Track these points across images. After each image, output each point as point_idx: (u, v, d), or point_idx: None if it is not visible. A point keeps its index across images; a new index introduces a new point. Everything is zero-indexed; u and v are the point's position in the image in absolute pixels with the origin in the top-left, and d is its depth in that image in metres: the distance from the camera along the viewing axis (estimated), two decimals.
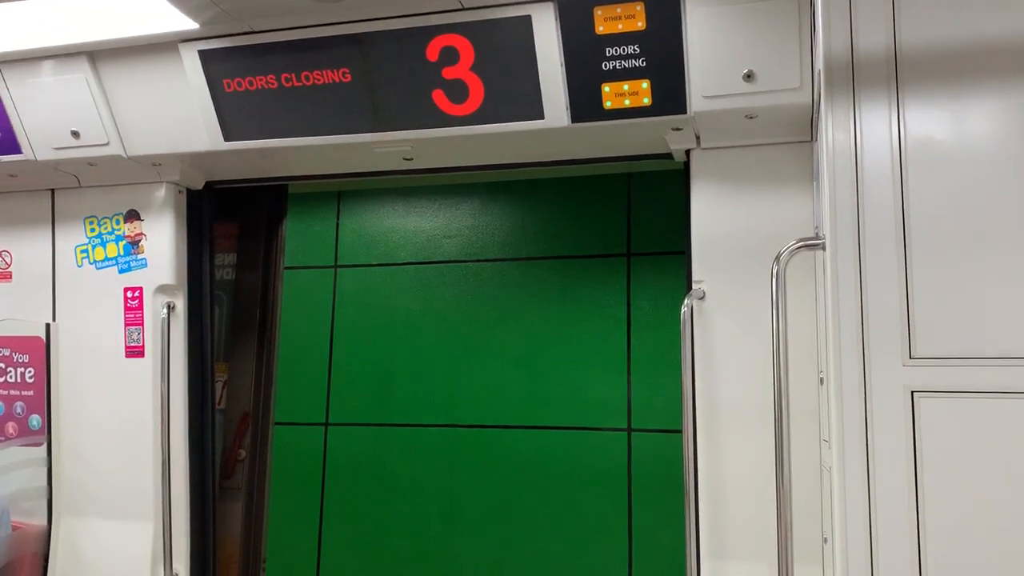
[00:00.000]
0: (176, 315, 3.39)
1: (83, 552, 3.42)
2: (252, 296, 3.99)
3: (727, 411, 2.75)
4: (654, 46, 2.53)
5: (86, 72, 3.01)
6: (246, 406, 3.87)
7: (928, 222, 1.91)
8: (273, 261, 4.00)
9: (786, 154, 2.73)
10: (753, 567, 2.68)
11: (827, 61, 2.01)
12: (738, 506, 2.73)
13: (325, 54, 2.78)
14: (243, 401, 3.89)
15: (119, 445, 3.37)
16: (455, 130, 2.80)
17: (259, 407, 3.91)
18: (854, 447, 1.91)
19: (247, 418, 3.85)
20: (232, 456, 3.82)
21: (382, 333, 4.05)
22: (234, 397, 3.90)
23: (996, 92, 1.91)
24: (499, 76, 2.68)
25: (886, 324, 1.91)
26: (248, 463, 3.83)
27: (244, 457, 3.83)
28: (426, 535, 3.89)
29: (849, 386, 1.92)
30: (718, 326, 2.77)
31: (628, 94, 2.61)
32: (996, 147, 1.89)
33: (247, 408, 3.87)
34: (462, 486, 3.88)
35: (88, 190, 3.47)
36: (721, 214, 2.78)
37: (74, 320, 3.47)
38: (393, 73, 2.76)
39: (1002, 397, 1.84)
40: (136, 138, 3.12)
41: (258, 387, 3.91)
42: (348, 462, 4.02)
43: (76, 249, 3.48)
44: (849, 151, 1.97)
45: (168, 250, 3.37)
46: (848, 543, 1.90)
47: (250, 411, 3.88)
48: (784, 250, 2.19)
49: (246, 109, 2.93)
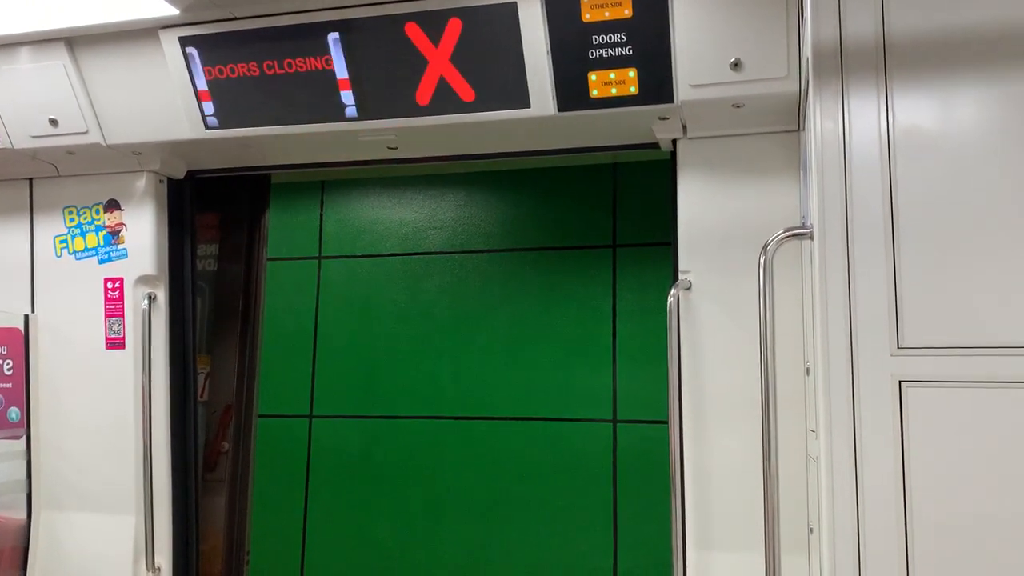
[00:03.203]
0: (157, 306, 3.35)
1: (64, 546, 3.38)
2: (235, 287, 3.94)
3: (713, 401, 2.75)
4: (641, 34, 2.52)
5: (64, 58, 2.96)
6: (229, 398, 3.84)
7: (916, 211, 1.90)
8: (256, 252, 3.96)
9: (773, 143, 2.72)
10: (739, 557, 2.68)
11: (815, 49, 2.00)
12: (724, 496, 2.73)
13: (308, 41, 2.74)
14: (226, 393, 3.85)
15: (100, 438, 3.33)
16: (440, 118, 2.77)
17: (242, 399, 3.87)
18: (841, 437, 1.91)
19: (230, 410, 3.82)
20: (215, 449, 3.79)
21: (367, 325, 4.04)
22: (216, 389, 3.86)
23: (985, 80, 1.90)
24: (485, 64, 2.66)
25: (874, 314, 1.90)
26: (231, 456, 3.80)
27: (227, 450, 3.80)
28: (411, 526, 3.88)
29: (836, 376, 1.92)
30: (705, 316, 2.76)
31: (615, 83, 2.60)
32: (985, 135, 1.89)
33: (230, 400, 3.84)
34: (446, 478, 3.87)
35: (67, 179, 3.42)
36: (708, 204, 2.77)
37: (53, 311, 3.42)
38: (377, 60, 2.73)
39: (990, 386, 1.84)
40: (116, 126, 3.07)
41: (241, 379, 3.87)
42: (332, 454, 4.01)
43: (55, 239, 3.43)
44: (837, 140, 1.96)
45: (149, 240, 3.32)
46: (835, 533, 1.90)
47: (233, 403, 3.85)
48: (771, 240, 2.18)
49: (228, 97, 2.89)
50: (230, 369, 3.87)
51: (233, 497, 3.78)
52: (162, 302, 3.36)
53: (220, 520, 3.78)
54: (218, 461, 3.80)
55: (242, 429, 3.84)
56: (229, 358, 3.88)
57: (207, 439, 3.80)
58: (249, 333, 3.90)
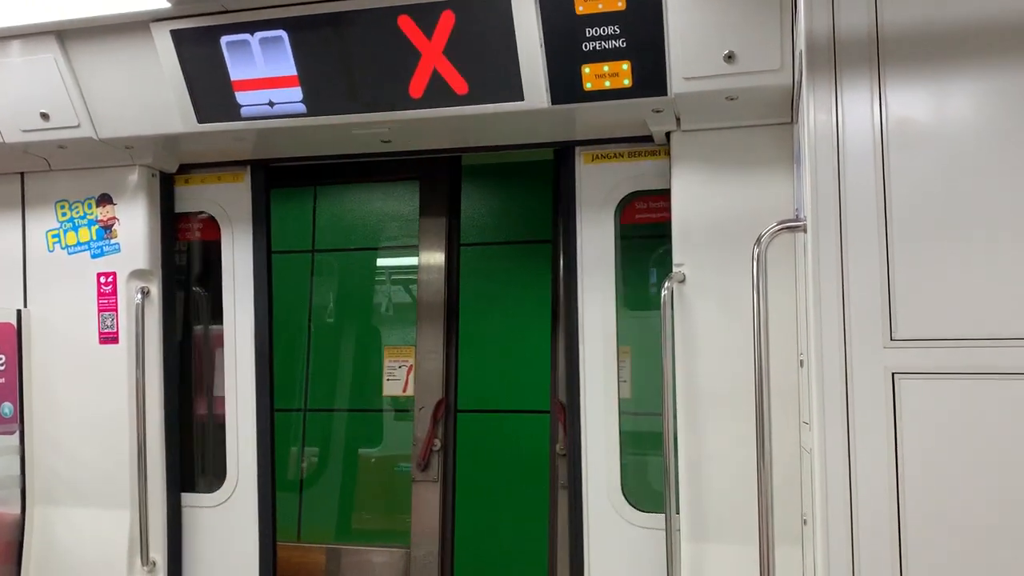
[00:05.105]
0: (151, 300, 3.34)
1: (58, 540, 3.38)
2: (436, 279, 4.00)
3: (707, 394, 2.75)
4: (634, 27, 2.51)
5: (55, 52, 2.94)
6: (433, 393, 3.83)
7: (910, 203, 1.90)
8: (453, 242, 4.04)
9: (767, 136, 2.72)
10: (733, 548, 2.69)
11: (809, 42, 2.00)
12: (718, 488, 2.74)
13: (301, 34, 2.73)
14: (431, 388, 3.84)
15: (94, 433, 3.32)
16: (433, 111, 2.76)
17: (449, 394, 3.90)
18: (835, 429, 1.91)
19: (441, 406, 3.81)
20: (428, 446, 3.79)
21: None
22: (421, 384, 3.86)
23: (978, 73, 1.90)
24: (478, 57, 2.65)
25: (867, 306, 1.91)
26: (443, 452, 3.81)
27: (440, 447, 3.80)
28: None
29: (830, 368, 1.92)
30: (698, 309, 2.76)
31: (608, 75, 2.59)
32: (978, 128, 1.89)
33: (438, 396, 3.83)
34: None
35: (59, 173, 3.40)
36: (701, 196, 2.77)
37: (46, 306, 3.41)
38: (370, 53, 2.71)
39: (983, 378, 1.84)
40: (107, 120, 3.06)
41: (448, 374, 3.91)
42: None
43: (47, 234, 3.41)
44: (831, 132, 1.96)
45: (142, 235, 3.31)
46: (828, 524, 1.90)
47: (443, 399, 3.86)
48: (765, 232, 2.18)
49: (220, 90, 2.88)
50: (432, 364, 3.85)
51: (445, 494, 3.77)
52: (155, 296, 3.35)
53: (432, 518, 3.76)
54: (430, 459, 3.80)
55: (449, 425, 3.86)
56: (430, 352, 3.86)
57: (416, 436, 3.79)
58: (453, 326, 3.90)
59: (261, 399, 3.37)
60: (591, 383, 3.03)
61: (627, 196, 3.08)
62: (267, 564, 3.36)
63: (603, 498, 3.01)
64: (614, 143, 3.06)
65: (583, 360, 3.04)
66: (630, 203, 3.10)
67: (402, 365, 4.07)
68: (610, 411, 3.02)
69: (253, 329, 3.38)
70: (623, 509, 3.00)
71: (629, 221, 3.11)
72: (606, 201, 3.07)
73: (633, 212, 3.11)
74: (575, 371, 3.05)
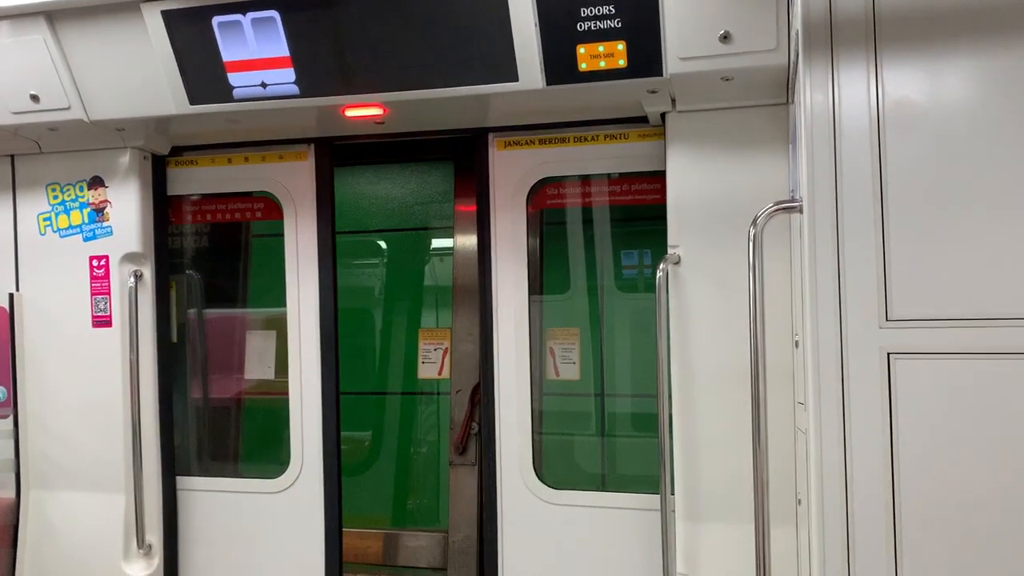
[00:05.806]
0: (144, 284, 3.32)
1: (53, 524, 3.38)
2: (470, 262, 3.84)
3: (702, 375, 2.76)
4: (629, 6, 2.49)
5: (44, 33, 2.91)
6: (469, 377, 3.79)
7: (906, 184, 1.90)
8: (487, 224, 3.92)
9: (762, 116, 2.71)
10: (728, 528, 2.70)
11: (805, 21, 1.98)
12: (713, 469, 2.75)
13: (294, 15, 2.70)
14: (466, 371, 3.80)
15: (88, 416, 3.32)
16: (428, 92, 2.75)
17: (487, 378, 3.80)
18: (830, 409, 1.92)
19: (478, 390, 3.72)
20: (466, 430, 3.76)
21: None
22: (457, 367, 3.81)
23: (974, 53, 1.89)
24: (472, 37, 2.63)
25: (863, 286, 1.91)
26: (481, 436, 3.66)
27: (477, 431, 3.74)
28: None
29: (825, 349, 1.93)
30: (694, 290, 2.76)
31: (603, 56, 2.57)
32: (974, 108, 1.89)
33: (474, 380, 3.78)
34: None
35: (50, 156, 3.38)
36: (697, 177, 2.77)
37: (39, 290, 3.40)
38: (364, 33, 2.69)
39: (978, 358, 1.85)
40: (98, 102, 3.03)
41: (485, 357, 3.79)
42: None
43: (39, 217, 3.39)
44: (827, 112, 1.95)
45: (134, 217, 3.30)
46: (824, 504, 1.91)
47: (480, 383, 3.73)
48: (761, 213, 2.18)
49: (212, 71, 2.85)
50: (466, 347, 3.80)
51: (482, 479, 3.65)
52: (148, 279, 3.33)
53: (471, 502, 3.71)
54: (467, 443, 3.77)
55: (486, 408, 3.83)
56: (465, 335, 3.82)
57: (452, 420, 3.78)
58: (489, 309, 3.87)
59: (327, 383, 3.34)
60: (504, 364, 3.19)
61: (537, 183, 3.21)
62: (333, 550, 3.33)
63: (516, 475, 3.15)
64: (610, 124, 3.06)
65: (496, 341, 3.20)
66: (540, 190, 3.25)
67: (437, 348, 4.03)
68: (523, 391, 3.17)
69: (318, 311, 3.34)
70: (536, 487, 3.14)
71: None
72: (517, 189, 3.20)
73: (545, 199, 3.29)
74: (489, 352, 3.21)
